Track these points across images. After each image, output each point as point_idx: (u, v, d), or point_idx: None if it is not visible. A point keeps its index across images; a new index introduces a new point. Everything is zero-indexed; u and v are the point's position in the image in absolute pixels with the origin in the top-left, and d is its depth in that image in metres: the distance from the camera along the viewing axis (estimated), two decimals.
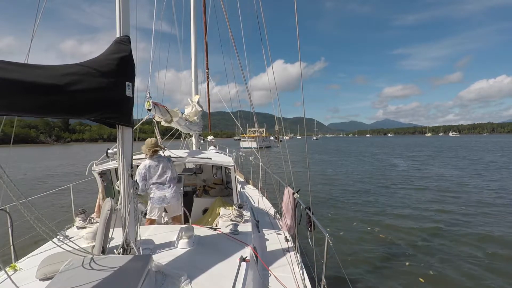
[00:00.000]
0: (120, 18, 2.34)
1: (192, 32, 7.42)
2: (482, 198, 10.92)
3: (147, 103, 3.22)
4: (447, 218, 8.51)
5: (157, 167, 3.84)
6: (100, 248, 2.46)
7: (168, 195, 3.83)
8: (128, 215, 2.42)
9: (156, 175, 3.82)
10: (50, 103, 1.71)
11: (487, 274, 5.18)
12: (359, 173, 18.55)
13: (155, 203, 3.84)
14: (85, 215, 3.80)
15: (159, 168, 3.84)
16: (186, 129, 5.64)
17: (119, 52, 2.19)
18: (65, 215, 5.31)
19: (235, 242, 3.05)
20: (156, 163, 3.85)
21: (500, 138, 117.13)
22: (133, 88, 2.30)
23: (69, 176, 19.09)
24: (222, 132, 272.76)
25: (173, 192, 3.86)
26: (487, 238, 6.84)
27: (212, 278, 2.26)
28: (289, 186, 4.18)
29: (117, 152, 2.40)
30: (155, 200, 3.83)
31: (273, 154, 34.11)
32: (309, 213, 3.26)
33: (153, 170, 3.83)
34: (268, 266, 3.10)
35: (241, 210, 3.93)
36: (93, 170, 4.10)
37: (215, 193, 5.39)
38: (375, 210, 9.52)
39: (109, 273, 1.94)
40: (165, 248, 2.74)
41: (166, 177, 3.85)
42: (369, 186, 13.71)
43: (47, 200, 10.00)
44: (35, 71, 1.68)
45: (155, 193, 3.83)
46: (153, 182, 3.82)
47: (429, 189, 12.80)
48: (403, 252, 6.16)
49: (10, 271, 2.51)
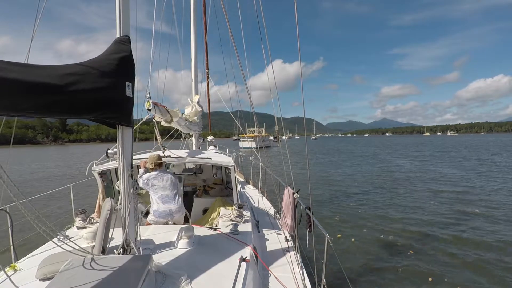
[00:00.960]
0: (120, 18, 2.33)
1: (192, 32, 7.42)
2: (493, 200, 10.50)
3: (147, 103, 3.22)
4: (450, 220, 8.38)
5: (161, 179, 3.64)
6: (100, 248, 2.46)
7: (174, 209, 3.64)
8: (128, 215, 2.41)
9: (160, 186, 3.64)
10: (51, 103, 1.71)
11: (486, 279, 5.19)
12: (362, 173, 18.49)
13: (160, 216, 3.62)
14: (85, 215, 3.79)
15: (163, 180, 3.65)
16: (186, 129, 5.64)
17: (119, 52, 2.19)
18: (65, 215, 5.31)
19: (235, 242, 3.05)
20: (160, 173, 3.67)
21: (499, 137, 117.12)
22: (133, 88, 2.30)
23: (61, 179, 19.05)
24: (221, 132, 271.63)
25: (179, 206, 3.68)
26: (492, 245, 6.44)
27: (212, 278, 2.26)
28: (289, 186, 4.18)
29: (117, 152, 2.40)
30: (159, 213, 3.62)
31: (272, 154, 34.13)
32: (309, 213, 3.27)
33: (157, 182, 3.63)
34: (268, 266, 3.10)
35: (241, 210, 3.93)
36: (93, 170, 4.10)
37: (215, 193, 5.39)
38: (376, 211, 9.53)
39: (109, 273, 1.93)
40: (165, 248, 2.73)
41: (175, 192, 3.69)
42: (371, 187, 13.73)
43: (48, 200, 10.00)
44: (36, 71, 1.67)
45: (159, 206, 3.62)
46: (158, 196, 3.63)
47: (431, 190, 12.81)
48: (403, 252, 6.17)
49: (10, 271, 2.51)
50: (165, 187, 3.65)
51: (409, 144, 68.28)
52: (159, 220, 3.65)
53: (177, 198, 3.71)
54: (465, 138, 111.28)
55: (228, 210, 4.15)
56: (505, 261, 5.68)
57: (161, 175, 3.67)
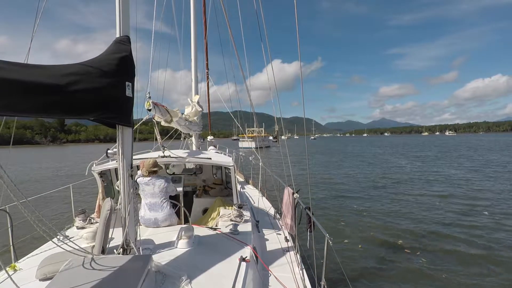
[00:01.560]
0: (120, 18, 2.33)
1: (192, 32, 7.42)
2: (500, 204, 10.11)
3: (147, 103, 3.22)
4: (456, 221, 8.24)
5: (153, 185, 3.52)
6: (100, 248, 2.46)
7: (160, 218, 3.47)
8: (128, 215, 2.42)
9: (150, 193, 3.53)
10: (51, 103, 1.71)
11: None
12: (365, 174, 18.39)
13: (145, 223, 3.48)
14: (85, 215, 3.79)
15: (155, 186, 3.53)
16: (186, 129, 5.65)
17: (119, 52, 2.19)
18: (64, 215, 5.30)
19: (235, 242, 3.05)
20: (153, 179, 3.55)
21: (498, 137, 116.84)
22: (133, 88, 2.30)
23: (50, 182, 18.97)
24: (219, 132, 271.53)
25: (165, 215, 3.50)
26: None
27: (212, 278, 2.26)
28: (289, 186, 4.18)
29: (117, 152, 2.40)
30: (144, 220, 3.47)
31: (272, 154, 34.14)
32: (309, 213, 3.27)
33: (148, 188, 3.52)
34: (268, 266, 3.10)
35: (241, 210, 3.93)
36: (93, 170, 4.10)
37: (215, 193, 5.39)
38: (377, 211, 9.52)
39: (109, 273, 1.93)
40: (165, 248, 2.73)
41: (163, 199, 3.54)
42: (373, 188, 13.72)
43: (47, 200, 9.99)
44: (35, 71, 1.67)
45: (145, 212, 3.50)
46: (146, 202, 3.53)
47: (435, 191, 12.82)
48: (404, 253, 6.17)
49: (10, 271, 2.50)
50: (154, 194, 3.53)
51: (410, 143, 68.25)
52: (146, 227, 3.50)
53: (165, 206, 3.53)
54: (464, 138, 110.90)
55: (228, 210, 4.15)
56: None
57: (154, 181, 3.54)
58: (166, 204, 3.55)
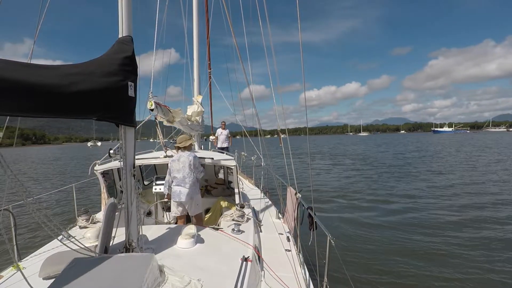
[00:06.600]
0: (123, 19, 2.34)
1: (194, 32, 7.43)
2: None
3: (150, 103, 3.23)
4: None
5: (178, 162, 3.87)
6: (103, 247, 2.47)
7: (183, 191, 3.79)
8: (131, 215, 2.42)
9: (176, 169, 3.87)
10: (54, 103, 1.71)
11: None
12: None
13: (173, 195, 3.85)
14: (88, 214, 3.81)
15: (180, 163, 3.86)
16: (188, 129, 5.66)
17: (122, 52, 2.20)
18: (67, 215, 5.33)
19: (237, 242, 3.05)
20: (178, 157, 3.90)
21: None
22: (136, 88, 2.31)
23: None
24: None
25: (187, 190, 3.80)
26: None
27: (214, 278, 2.26)
28: (291, 186, 4.17)
29: (120, 152, 2.41)
30: (172, 192, 3.86)
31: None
32: (311, 213, 3.26)
33: (175, 165, 3.88)
34: (270, 266, 3.10)
35: (243, 210, 3.93)
36: (96, 170, 4.12)
37: (217, 193, 5.40)
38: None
39: (112, 272, 1.94)
40: (168, 248, 2.74)
41: (188, 175, 3.83)
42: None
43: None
44: (38, 71, 1.68)
45: (174, 188, 3.86)
46: (174, 176, 3.88)
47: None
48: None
49: (13, 270, 2.52)
50: (179, 170, 3.84)
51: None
52: (174, 201, 3.87)
53: (187, 181, 3.80)
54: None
55: (230, 210, 4.15)
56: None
57: (179, 157, 3.88)
58: (189, 179, 3.81)
